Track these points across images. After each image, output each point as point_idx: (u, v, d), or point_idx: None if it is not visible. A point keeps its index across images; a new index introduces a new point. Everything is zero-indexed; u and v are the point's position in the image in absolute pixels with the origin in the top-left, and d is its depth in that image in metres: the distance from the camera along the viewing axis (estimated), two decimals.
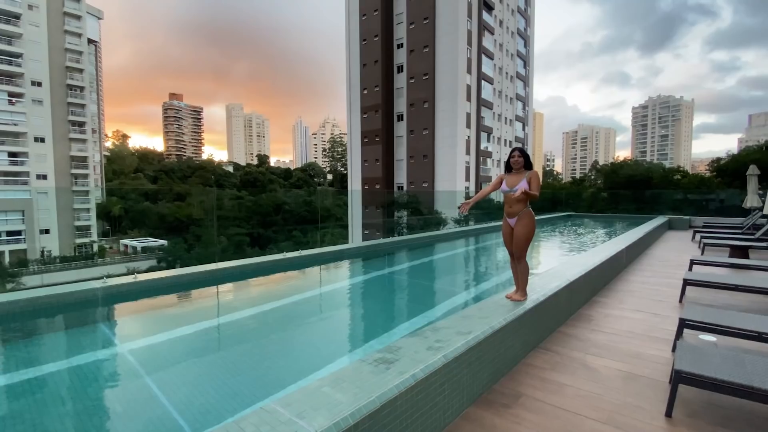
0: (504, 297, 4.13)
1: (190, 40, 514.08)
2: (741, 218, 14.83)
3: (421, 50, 41.07)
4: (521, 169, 3.93)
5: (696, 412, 2.80)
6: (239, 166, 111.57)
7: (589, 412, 2.83)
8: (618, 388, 3.17)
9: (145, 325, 4.79)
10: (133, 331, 4.61)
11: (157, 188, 71.09)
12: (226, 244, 39.25)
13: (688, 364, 2.76)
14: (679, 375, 2.73)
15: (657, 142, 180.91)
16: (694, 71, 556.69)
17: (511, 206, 3.91)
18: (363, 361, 2.57)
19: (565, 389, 3.16)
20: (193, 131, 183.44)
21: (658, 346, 4.05)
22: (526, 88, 57.11)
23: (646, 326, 4.63)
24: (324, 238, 34.91)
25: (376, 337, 4.54)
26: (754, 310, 5.22)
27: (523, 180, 3.85)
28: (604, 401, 2.97)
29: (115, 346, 4.04)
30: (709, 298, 5.81)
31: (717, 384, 2.63)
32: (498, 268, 9.65)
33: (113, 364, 3.71)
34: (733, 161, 25.34)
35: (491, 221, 17.07)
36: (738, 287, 5.14)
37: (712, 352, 3.00)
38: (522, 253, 3.93)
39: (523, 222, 3.85)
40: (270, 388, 3.20)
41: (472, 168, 42.77)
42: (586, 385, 3.23)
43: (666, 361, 3.70)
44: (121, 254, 47.26)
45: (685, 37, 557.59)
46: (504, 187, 3.97)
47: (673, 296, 5.91)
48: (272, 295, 6.41)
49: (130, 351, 3.86)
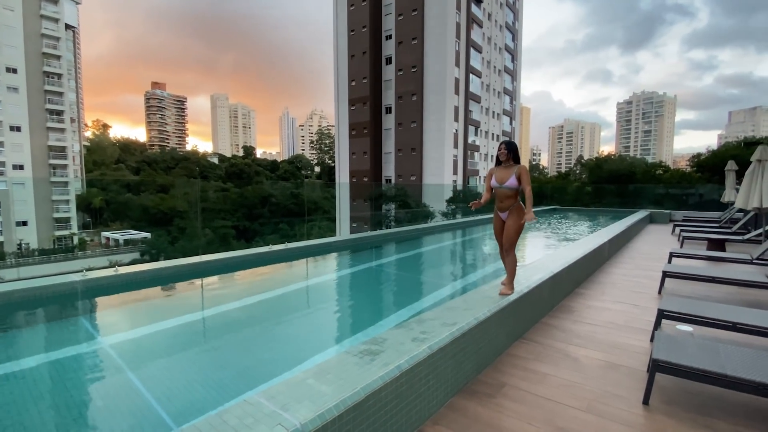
0: (488, 289, 4.18)
1: (174, 29, 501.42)
2: (719, 212, 15.27)
3: (410, 42, 40.83)
4: (509, 163, 3.94)
5: (672, 400, 2.89)
6: (224, 158, 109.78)
7: (570, 400, 2.89)
8: (598, 377, 3.24)
9: (126, 319, 4.70)
10: (114, 324, 4.51)
11: (139, 179, 69.50)
12: (211, 237, 38.75)
13: (664, 353, 2.83)
14: (656, 364, 2.81)
15: (640, 138, 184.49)
16: (673, 69, 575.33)
17: (502, 201, 3.96)
18: (348, 352, 2.58)
19: (547, 379, 3.23)
20: (177, 122, 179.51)
21: (638, 336, 4.15)
22: (514, 82, 57.39)
23: (627, 317, 4.75)
24: (311, 231, 34.73)
25: (362, 330, 4.54)
26: (730, 301, 5.40)
27: (512, 176, 3.87)
28: (585, 390, 3.04)
29: (96, 340, 3.96)
30: (687, 289, 5.97)
31: (692, 372, 2.71)
32: (484, 260, 9.75)
33: (94, 358, 3.64)
34: (712, 157, 26.04)
35: (477, 215, 17.21)
36: (715, 279, 5.29)
37: (689, 342, 3.09)
38: (512, 245, 3.99)
39: (514, 216, 3.90)
40: (254, 381, 3.18)
41: (460, 161, 42.96)
42: (568, 374, 3.30)
43: (644, 350, 3.80)
44: (102, 247, 46.24)
45: (664, 36, 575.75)
46: (493, 182, 3.98)
47: (652, 288, 6.06)
48: (257, 288, 6.36)
49: (111, 345, 3.79)
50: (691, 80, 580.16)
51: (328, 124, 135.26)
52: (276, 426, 1.78)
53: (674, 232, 12.50)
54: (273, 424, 1.79)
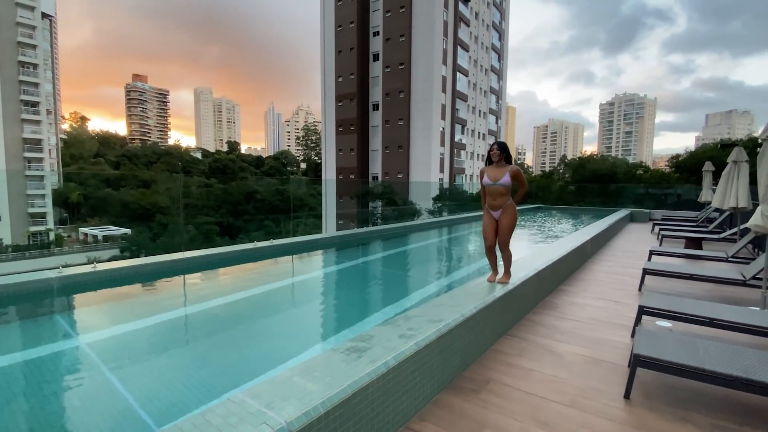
0: (474, 286, 4.21)
1: (156, 21, 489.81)
2: (696, 212, 15.73)
3: (398, 39, 40.76)
4: (502, 163, 4.05)
5: (652, 394, 2.95)
6: (208, 153, 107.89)
7: (554, 395, 2.93)
8: (581, 373, 3.30)
9: (105, 317, 4.56)
10: (92, 322, 4.37)
11: (119, 174, 67.69)
12: (194, 233, 38.08)
13: (645, 349, 2.90)
14: (637, 359, 2.87)
15: (622, 138, 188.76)
16: (652, 72, 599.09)
17: (495, 199, 4.06)
18: (335, 350, 2.55)
19: (531, 374, 3.27)
20: (159, 115, 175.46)
21: (619, 332, 4.24)
22: (500, 81, 57.92)
23: (609, 313, 4.84)
24: (297, 228, 34.44)
25: (348, 327, 4.52)
26: (707, 297, 5.56)
27: (506, 174, 3.98)
28: (568, 385, 3.09)
29: (73, 338, 3.83)
30: (666, 286, 6.13)
31: (672, 367, 2.78)
32: (470, 257, 9.84)
33: (70, 357, 3.52)
34: (690, 158, 26.83)
35: (464, 212, 17.35)
36: (693, 276, 5.45)
37: (668, 337, 3.16)
38: (507, 244, 4.18)
39: (507, 214, 4.06)
40: (238, 380, 3.13)
41: (447, 159, 43.19)
42: (552, 369, 3.35)
43: (626, 346, 3.88)
44: (80, 243, 44.95)
45: (644, 39, 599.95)
46: (486, 180, 4.08)
47: (633, 285, 6.20)
48: (241, 285, 6.26)
49: (89, 344, 3.67)
50: (670, 83, 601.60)
51: (315, 120, 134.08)
52: (261, 425, 1.74)
53: (654, 230, 12.83)
54: (258, 423, 1.76)
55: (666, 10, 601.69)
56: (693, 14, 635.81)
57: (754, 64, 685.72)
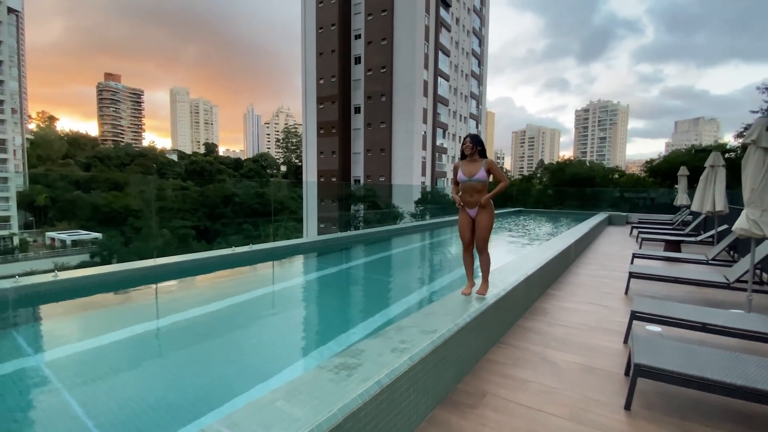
0: (461, 293, 3.96)
1: (132, 20, 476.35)
2: (671, 215, 16.18)
3: (379, 42, 40.74)
4: (476, 157, 3.77)
5: (653, 404, 2.85)
6: (184, 155, 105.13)
7: (552, 408, 2.80)
8: (577, 382, 3.18)
9: (66, 332, 4.15)
10: (50, 338, 3.95)
11: (90, 176, 65.03)
12: (169, 238, 36.88)
13: (646, 358, 2.79)
14: (638, 368, 2.76)
15: (596, 144, 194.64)
16: (623, 80, 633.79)
17: (471, 196, 3.74)
18: (322, 367, 2.33)
19: (528, 385, 3.12)
20: (133, 116, 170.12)
21: (610, 338, 4.17)
22: (480, 86, 58.71)
23: (598, 318, 4.78)
24: (277, 232, 33.78)
25: (334, 339, 4.28)
26: (690, 300, 5.59)
27: (480, 169, 3.71)
28: (566, 396, 2.96)
29: (29, 357, 3.44)
30: (651, 289, 6.15)
31: (674, 377, 2.68)
32: (459, 262, 9.70)
33: (25, 378, 3.16)
34: (664, 162, 27.75)
35: (448, 216, 17.31)
36: (678, 279, 5.46)
37: (665, 345, 3.08)
38: (485, 244, 3.83)
39: (485, 213, 3.74)
40: (214, 402, 2.86)
41: (428, 163, 43.34)
42: (548, 380, 3.22)
43: (618, 352, 3.80)
44: (47, 248, 42.86)
45: (615, 49, 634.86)
46: (461, 176, 3.79)
47: (618, 288, 6.20)
48: (217, 294, 5.90)
49: (47, 363, 3.30)
50: (640, 91, 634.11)
51: (295, 123, 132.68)
52: None
53: (632, 233, 13.07)
54: None
55: (635, 21, 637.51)
56: (660, 26, 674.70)
57: (718, 74, 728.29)
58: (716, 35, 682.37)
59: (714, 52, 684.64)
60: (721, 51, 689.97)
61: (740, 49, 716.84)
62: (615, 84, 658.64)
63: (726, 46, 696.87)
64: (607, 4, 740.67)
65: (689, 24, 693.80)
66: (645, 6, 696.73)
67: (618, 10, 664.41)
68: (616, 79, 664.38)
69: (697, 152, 25.24)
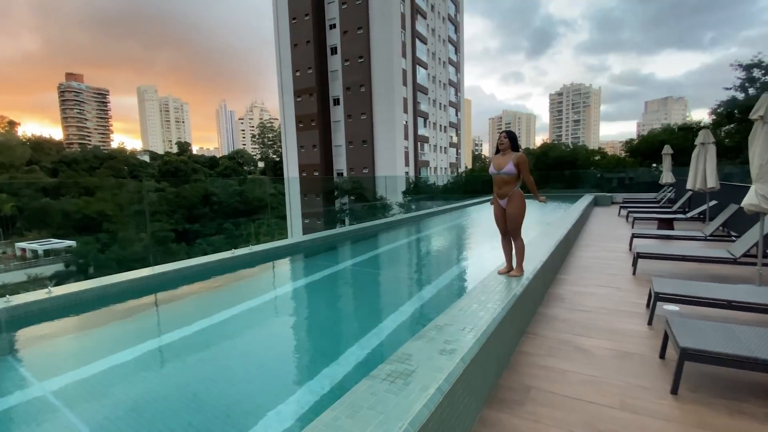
0: (493, 281, 4.02)
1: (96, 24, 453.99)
2: (653, 193, 16.60)
3: (355, 31, 40.04)
4: (508, 151, 4.05)
5: (698, 387, 2.82)
6: (157, 155, 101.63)
7: (601, 398, 2.73)
8: (615, 369, 3.13)
9: (71, 355, 3.76)
10: (54, 363, 3.56)
11: (57, 182, 61.98)
12: (149, 241, 35.69)
13: (691, 341, 2.76)
14: (685, 352, 2.72)
15: (571, 126, 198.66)
16: (572, 71, 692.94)
17: (500, 188, 4.08)
18: (374, 377, 2.18)
19: (568, 376, 3.05)
20: (99, 117, 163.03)
21: (632, 320, 4.15)
22: (458, 74, 58.73)
23: (614, 301, 4.78)
24: (259, 230, 33.08)
25: (362, 343, 4.09)
26: (695, 276, 5.67)
27: (509, 162, 3.98)
28: (610, 385, 2.90)
29: (32, 386, 3.12)
30: (654, 268, 6.22)
31: (722, 358, 2.65)
32: (473, 250, 9.61)
33: (31, 410, 2.86)
34: (643, 142, 28.44)
35: (455, 202, 17.26)
36: (686, 257, 5.52)
37: (704, 326, 3.05)
38: (518, 231, 4.16)
39: (514, 202, 4.05)
40: (244, 422, 2.66)
41: (411, 153, 43.21)
42: (586, 368, 3.16)
43: (645, 334, 3.78)
44: (18, 259, 40.81)
45: (558, 45, 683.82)
46: (491, 169, 4.11)
47: (623, 269, 6.25)
48: (227, 301, 5.59)
49: (53, 392, 3.00)
50: (590, 80, 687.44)
51: (271, 117, 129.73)
52: None
53: (620, 213, 13.32)
54: None
55: (571, 22, 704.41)
56: (593, 27, 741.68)
57: (659, 60, 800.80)
58: (641, 32, 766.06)
59: (647, 44, 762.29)
60: (652, 42, 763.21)
61: (668, 41, 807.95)
62: (566, 74, 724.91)
63: (653, 39, 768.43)
64: (545, 7, 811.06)
65: (615, 25, 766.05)
66: (578, 11, 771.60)
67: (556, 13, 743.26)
68: (565, 69, 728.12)
69: (680, 130, 25.84)
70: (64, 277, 30.26)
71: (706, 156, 8.18)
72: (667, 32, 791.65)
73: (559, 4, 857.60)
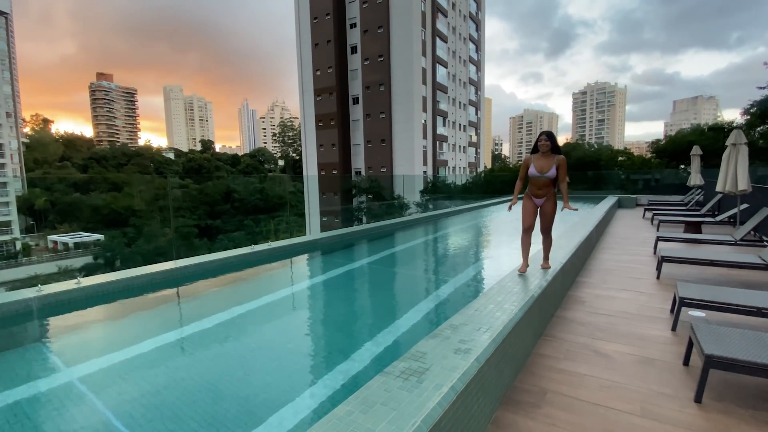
0: (511, 281, 4.07)
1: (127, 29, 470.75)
2: (681, 196, 16.01)
3: (375, 31, 40.10)
4: (549, 153, 4.15)
5: (723, 396, 2.72)
6: (181, 153, 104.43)
7: (620, 404, 2.66)
8: (637, 375, 3.05)
9: (97, 343, 3.95)
10: (82, 350, 3.73)
11: (88, 177, 64.52)
12: (172, 236, 36.73)
13: (717, 348, 2.66)
14: (710, 359, 2.62)
15: (595, 126, 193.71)
16: (593, 71, 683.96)
17: (540, 188, 4.23)
18: (388, 373, 2.19)
19: (586, 380, 2.99)
20: (127, 115, 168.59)
21: (656, 325, 4.03)
22: (479, 72, 58.06)
23: (637, 305, 4.64)
24: (278, 227, 33.58)
25: (376, 340, 4.11)
26: (725, 282, 5.45)
27: (552, 166, 4.11)
28: (630, 391, 2.83)
29: (60, 372, 3.28)
30: (680, 272, 6.01)
31: (750, 367, 2.55)
32: (490, 250, 9.49)
33: (61, 396, 3.00)
34: (670, 142, 27.42)
35: (473, 201, 17.13)
36: (713, 262, 5.32)
37: (730, 333, 2.94)
38: (549, 229, 4.45)
39: (551, 203, 4.28)
40: (261, 413, 2.72)
41: (429, 152, 43.02)
42: (606, 373, 3.09)
43: (668, 341, 3.66)
44: (50, 252, 42.71)
45: (579, 45, 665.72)
46: (532, 171, 4.20)
47: (647, 273, 6.06)
48: (248, 295, 5.73)
49: (79, 378, 3.14)
50: (613, 80, 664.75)
51: (291, 116, 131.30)
52: None
53: (645, 216, 12.92)
54: None
55: (591, 22, 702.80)
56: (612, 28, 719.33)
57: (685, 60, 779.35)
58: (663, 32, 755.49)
59: (670, 44, 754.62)
60: (676, 42, 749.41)
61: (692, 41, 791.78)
62: (586, 74, 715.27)
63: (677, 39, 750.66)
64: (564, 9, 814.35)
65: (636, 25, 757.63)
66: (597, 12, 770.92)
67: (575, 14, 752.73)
68: (585, 69, 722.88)
69: (710, 130, 24.76)
70: (92, 269, 31.49)
71: (737, 157, 7.85)
72: (690, 32, 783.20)
73: (578, 5, 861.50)
